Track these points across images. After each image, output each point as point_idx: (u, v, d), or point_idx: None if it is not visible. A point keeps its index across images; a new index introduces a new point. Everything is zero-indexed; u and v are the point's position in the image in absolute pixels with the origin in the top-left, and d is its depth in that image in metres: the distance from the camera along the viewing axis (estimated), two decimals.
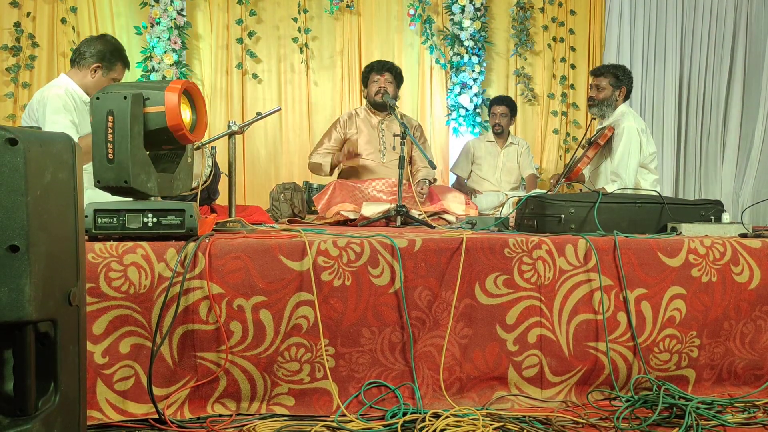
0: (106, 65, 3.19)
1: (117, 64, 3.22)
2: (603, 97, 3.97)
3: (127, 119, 1.94)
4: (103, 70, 3.19)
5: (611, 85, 3.95)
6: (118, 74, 3.25)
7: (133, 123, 1.95)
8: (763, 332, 2.30)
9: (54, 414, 1.20)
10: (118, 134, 1.94)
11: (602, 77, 3.98)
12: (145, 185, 2.01)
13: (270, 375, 2.00)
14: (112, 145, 1.94)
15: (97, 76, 3.18)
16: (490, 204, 4.85)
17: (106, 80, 3.20)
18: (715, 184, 6.20)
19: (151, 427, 1.89)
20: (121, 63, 3.25)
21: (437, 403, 2.05)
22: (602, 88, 3.97)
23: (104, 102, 1.95)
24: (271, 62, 5.73)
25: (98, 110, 1.96)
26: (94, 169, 1.97)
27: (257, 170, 5.72)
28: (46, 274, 1.16)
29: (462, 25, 5.84)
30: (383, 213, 3.35)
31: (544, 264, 2.18)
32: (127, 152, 1.94)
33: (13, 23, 5.13)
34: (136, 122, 1.97)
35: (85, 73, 3.17)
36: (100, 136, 1.95)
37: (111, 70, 3.21)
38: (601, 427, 1.93)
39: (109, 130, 1.94)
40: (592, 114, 4.10)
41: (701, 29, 6.19)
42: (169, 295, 1.91)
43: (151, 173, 2.04)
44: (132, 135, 1.95)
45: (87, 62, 3.17)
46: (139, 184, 1.99)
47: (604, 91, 3.96)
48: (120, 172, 1.95)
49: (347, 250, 2.05)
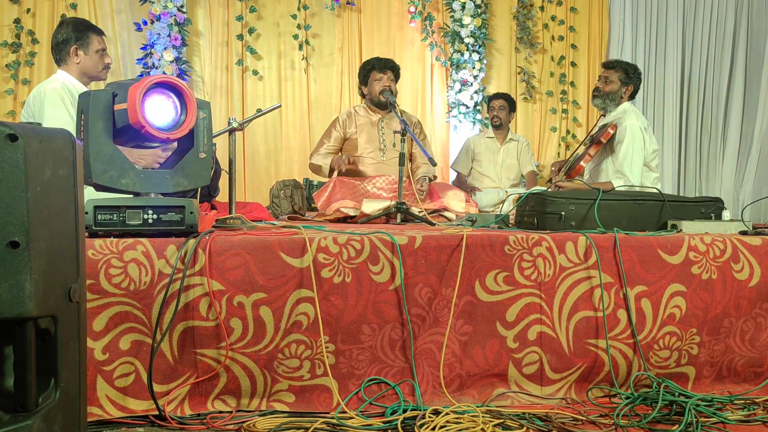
0: (81, 42, 3.16)
1: (88, 35, 3.18)
2: (609, 90, 3.95)
3: (88, 116, 1.97)
4: (82, 48, 3.16)
5: (620, 80, 3.94)
6: (99, 44, 3.21)
7: (95, 119, 1.97)
8: (763, 330, 2.30)
9: (54, 410, 1.20)
10: (87, 131, 1.96)
11: (613, 70, 3.96)
12: (116, 181, 2.01)
13: (270, 372, 2.00)
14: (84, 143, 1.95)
15: (81, 57, 3.17)
16: (490, 201, 4.85)
17: (92, 57, 3.18)
18: (715, 182, 6.21)
19: (151, 423, 1.89)
20: (92, 32, 3.21)
21: (437, 400, 2.05)
22: (610, 81, 3.95)
23: (81, 100, 2.01)
24: (271, 59, 5.73)
25: (77, 108, 2.01)
26: None
27: (257, 167, 5.72)
28: (46, 270, 1.16)
29: (462, 22, 5.84)
30: (383, 210, 3.35)
31: (545, 261, 2.18)
32: (88, 149, 1.95)
33: (13, 20, 5.12)
34: (100, 119, 1.98)
35: (71, 61, 3.17)
36: (77, 134, 1.96)
37: (89, 44, 3.18)
38: (601, 424, 1.93)
39: (81, 127, 1.97)
40: (594, 105, 4.09)
41: (702, 27, 6.19)
42: (169, 291, 1.91)
43: (127, 170, 2.03)
44: (94, 130, 1.97)
45: (66, 50, 3.16)
46: (107, 180, 1.99)
47: (611, 84, 3.95)
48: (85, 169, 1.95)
49: (347, 247, 2.05)
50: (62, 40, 3.16)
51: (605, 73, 4.01)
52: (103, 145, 1.98)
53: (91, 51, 3.18)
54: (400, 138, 3.40)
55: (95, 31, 3.23)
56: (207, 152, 2.19)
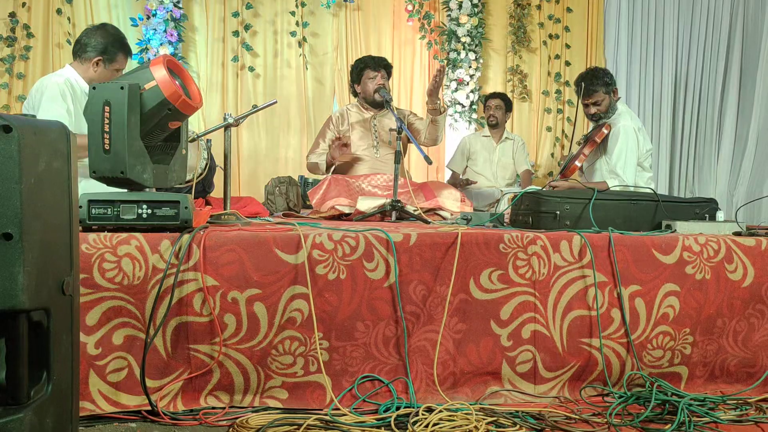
0: (108, 57, 3.14)
1: (118, 54, 3.17)
2: (605, 107, 3.95)
3: (123, 109, 1.93)
4: (105, 63, 3.14)
5: (605, 93, 3.93)
6: (120, 64, 3.20)
7: (129, 113, 1.95)
8: (756, 330, 2.31)
9: (46, 403, 1.20)
10: (114, 124, 1.93)
11: (595, 93, 3.93)
12: (140, 176, 2.00)
13: (263, 368, 2.00)
14: (108, 136, 1.93)
15: (99, 69, 3.14)
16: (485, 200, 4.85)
17: (109, 72, 3.15)
18: (709, 184, 6.22)
19: (143, 418, 1.88)
20: (122, 53, 3.19)
21: (431, 398, 2.05)
22: (601, 101, 3.94)
23: (101, 92, 1.95)
24: (267, 56, 5.71)
25: (95, 100, 1.95)
26: (90, 160, 1.96)
27: (252, 164, 5.70)
28: (39, 262, 1.15)
29: (459, 22, 5.85)
30: (379, 208, 3.35)
31: (539, 260, 2.18)
32: (123, 142, 1.93)
33: (8, 13, 5.09)
34: (133, 112, 1.96)
35: (87, 66, 3.13)
36: (97, 127, 1.94)
37: (113, 61, 3.16)
38: (593, 422, 1.93)
39: (105, 120, 1.94)
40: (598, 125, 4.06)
41: (698, 28, 6.20)
42: (163, 286, 1.90)
43: (147, 164, 2.03)
44: (128, 125, 1.94)
45: (88, 56, 3.12)
46: (135, 175, 1.98)
47: (603, 102, 3.94)
48: (116, 163, 1.94)
49: (342, 243, 2.05)
50: (93, 44, 3.12)
51: (591, 99, 3.95)
52: (134, 140, 1.97)
53: (111, 68, 3.16)
54: (395, 135, 3.39)
55: (125, 52, 3.21)
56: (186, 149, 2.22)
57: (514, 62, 6.11)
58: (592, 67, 4.37)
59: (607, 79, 3.93)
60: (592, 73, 4.00)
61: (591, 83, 3.93)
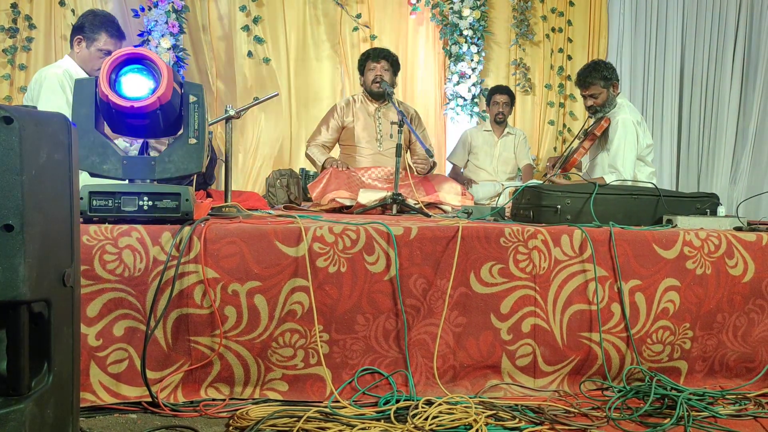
0: (88, 35, 3.11)
1: (99, 33, 3.11)
2: (602, 101, 3.94)
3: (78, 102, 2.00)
4: (86, 42, 3.11)
5: (603, 87, 3.93)
6: (104, 44, 3.13)
7: (79, 106, 2.00)
8: (756, 325, 2.31)
9: (47, 394, 1.20)
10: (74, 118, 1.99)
11: (592, 86, 3.93)
12: (97, 167, 2.02)
13: (264, 360, 2.00)
14: None
15: (81, 49, 3.12)
16: (486, 194, 4.84)
17: (93, 52, 3.12)
18: (711, 179, 6.22)
19: (144, 410, 1.89)
20: (105, 32, 3.12)
21: (430, 391, 2.06)
22: (598, 94, 3.94)
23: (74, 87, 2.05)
24: (271, 47, 5.66)
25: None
26: None
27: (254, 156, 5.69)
28: (40, 254, 1.15)
29: (461, 14, 5.83)
30: (380, 201, 3.35)
31: (540, 254, 2.18)
32: None
33: (10, 4, 5.08)
34: (83, 105, 2.01)
35: (74, 49, 3.13)
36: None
37: (94, 40, 3.12)
38: (593, 416, 1.94)
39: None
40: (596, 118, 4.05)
41: (703, 24, 6.19)
42: (163, 278, 1.91)
43: (108, 155, 2.03)
44: (77, 118, 1.99)
45: (73, 37, 3.12)
46: (88, 167, 2.01)
47: (600, 95, 3.93)
48: None
49: (343, 236, 2.05)
50: (76, 26, 3.12)
51: (588, 92, 3.96)
52: (84, 131, 1.99)
53: (93, 47, 3.12)
54: (397, 129, 3.39)
55: (109, 32, 3.14)
56: (199, 138, 2.09)
57: (517, 55, 6.09)
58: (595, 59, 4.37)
59: (607, 73, 3.92)
60: (592, 65, 4.01)
61: (589, 75, 3.95)
